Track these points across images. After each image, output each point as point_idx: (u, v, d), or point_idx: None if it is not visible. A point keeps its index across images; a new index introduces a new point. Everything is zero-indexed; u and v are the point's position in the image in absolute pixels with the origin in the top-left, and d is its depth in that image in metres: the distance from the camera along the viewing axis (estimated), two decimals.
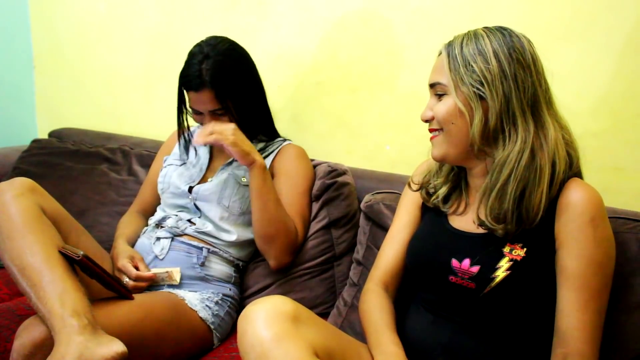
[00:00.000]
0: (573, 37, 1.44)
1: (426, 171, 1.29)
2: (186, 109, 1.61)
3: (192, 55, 1.53)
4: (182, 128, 1.65)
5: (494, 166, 1.09)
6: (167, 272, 1.48)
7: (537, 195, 1.05)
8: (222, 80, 1.50)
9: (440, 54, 1.16)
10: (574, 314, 1.03)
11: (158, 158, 1.80)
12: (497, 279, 1.06)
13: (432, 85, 1.14)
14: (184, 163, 1.68)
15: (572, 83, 1.44)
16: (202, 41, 1.55)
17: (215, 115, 1.53)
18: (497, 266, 1.07)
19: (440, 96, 1.12)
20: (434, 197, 1.24)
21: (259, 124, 1.65)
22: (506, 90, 1.06)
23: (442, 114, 1.11)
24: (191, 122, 1.67)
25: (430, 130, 1.16)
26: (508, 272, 1.06)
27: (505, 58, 1.07)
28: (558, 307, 1.06)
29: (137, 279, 1.45)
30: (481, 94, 1.07)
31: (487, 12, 1.54)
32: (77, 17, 2.42)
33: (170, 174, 1.65)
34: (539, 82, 1.09)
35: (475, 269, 1.09)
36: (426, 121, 1.16)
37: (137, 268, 1.47)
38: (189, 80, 1.51)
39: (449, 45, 1.13)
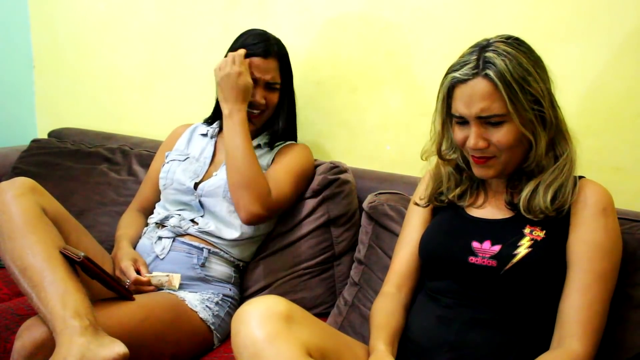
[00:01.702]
0: (573, 38, 1.44)
1: (429, 183, 1.29)
2: None
3: (255, 31, 1.63)
4: None
5: (555, 167, 1.13)
6: (167, 276, 1.48)
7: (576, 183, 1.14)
8: (285, 57, 1.64)
9: (462, 80, 1.10)
10: (574, 295, 1.07)
11: (159, 155, 1.79)
12: (519, 256, 1.09)
13: (483, 117, 1.09)
14: (187, 158, 1.68)
15: (572, 83, 1.44)
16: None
17: (269, 90, 1.60)
18: (519, 244, 1.11)
19: (495, 124, 1.10)
20: (447, 200, 1.25)
21: (289, 121, 1.70)
22: (554, 103, 1.12)
23: (508, 143, 1.10)
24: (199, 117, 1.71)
25: (482, 157, 1.14)
26: (529, 249, 1.10)
27: (541, 72, 1.10)
28: (563, 290, 1.09)
29: (135, 282, 1.44)
30: (541, 114, 1.10)
31: (487, 12, 1.54)
32: (77, 17, 2.42)
33: (174, 170, 1.64)
34: None
35: (497, 247, 1.12)
36: (476, 149, 1.13)
37: (138, 272, 1.47)
38: (257, 46, 1.58)
39: (495, 70, 1.06)
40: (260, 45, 1.57)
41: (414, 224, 1.32)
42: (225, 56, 1.58)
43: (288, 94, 1.66)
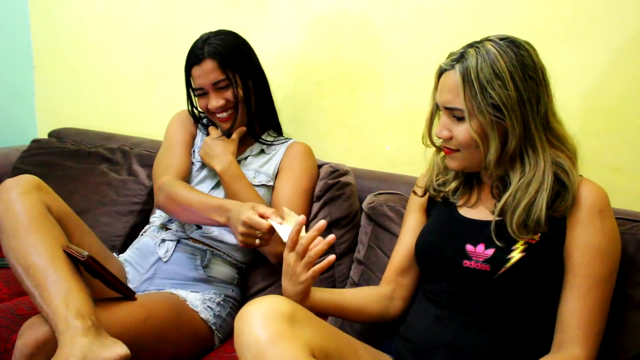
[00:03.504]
0: (573, 37, 1.44)
1: (428, 172, 1.30)
2: (194, 97, 1.61)
3: (195, 42, 1.57)
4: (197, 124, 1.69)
5: (518, 185, 1.10)
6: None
7: (569, 197, 1.09)
8: (225, 52, 1.53)
9: (445, 70, 1.12)
10: (574, 299, 1.06)
11: (180, 132, 1.68)
12: (513, 260, 1.08)
13: (448, 108, 1.12)
14: None
15: (572, 83, 1.44)
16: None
17: (219, 90, 1.53)
18: (513, 248, 1.10)
19: (459, 119, 1.11)
20: (442, 193, 1.25)
21: (266, 111, 1.66)
22: (524, 115, 1.08)
23: (465, 140, 1.11)
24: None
25: (446, 147, 1.16)
26: (523, 253, 1.08)
27: (520, 80, 1.07)
28: (561, 293, 1.09)
29: (270, 231, 1.26)
30: (499, 120, 1.08)
31: (487, 12, 1.54)
32: (77, 17, 2.42)
33: (195, 175, 1.63)
34: (548, 94, 1.11)
35: (491, 251, 1.11)
36: (440, 138, 1.16)
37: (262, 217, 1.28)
38: (190, 57, 1.54)
39: (462, 66, 1.08)
40: (191, 55, 1.55)
41: (409, 226, 1.33)
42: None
43: (250, 85, 1.58)
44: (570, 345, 1.04)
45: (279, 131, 1.72)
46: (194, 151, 1.67)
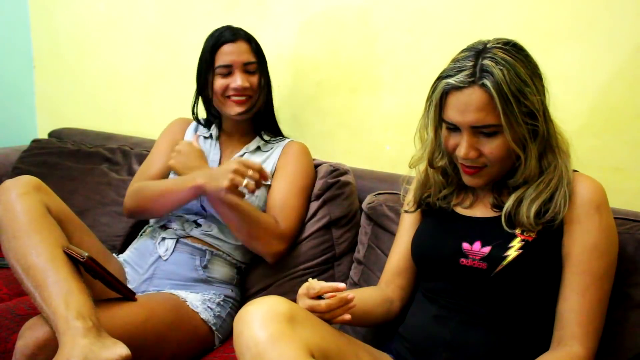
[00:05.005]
0: (573, 38, 1.44)
1: (417, 188, 1.29)
2: (213, 73, 1.59)
3: (218, 29, 1.61)
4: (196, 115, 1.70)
5: (540, 181, 1.10)
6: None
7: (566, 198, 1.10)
8: (255, 42, 1.62)
9: (458, 87, 1.05)
10: (573, 297, 1.06)
11: (164, 140, 1.72)
12: (509, 258, 1.08)
13: (477, 127, 1.06)
14: None
15: (572, 83, 1.44)
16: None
17: (247, 73, 1.57)
18: (509, 246, 1.09)
19: (488, 135, 1.07)
20: (436, 202, 1.24)
21: (268, 111, 1.69)
22: (547, 115, 1.08)
23: (500, 154, 1.08)
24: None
25: (472, 167, 1.12)
26: (520, 251, 1.08)
27: (537, 81, 1.06)
28: (560, 291, 1.09)
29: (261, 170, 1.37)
30: (534, 128, 1.07)
31: (487, 12, 1.54)
32: (77, 17, 2.42)
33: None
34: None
35: (487, 249, 1.11)
36: (467, 159, 1.11)
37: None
38: (221, 37, 1.58)
39: (492, 80, 1.02)
40: (225, 33, 1.58)
41: (405, 226, 1.33)
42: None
43: (266, 78, 1.65)
44: (570, 342, 1.04)
45: (275, 133, 1.72)
46: None
